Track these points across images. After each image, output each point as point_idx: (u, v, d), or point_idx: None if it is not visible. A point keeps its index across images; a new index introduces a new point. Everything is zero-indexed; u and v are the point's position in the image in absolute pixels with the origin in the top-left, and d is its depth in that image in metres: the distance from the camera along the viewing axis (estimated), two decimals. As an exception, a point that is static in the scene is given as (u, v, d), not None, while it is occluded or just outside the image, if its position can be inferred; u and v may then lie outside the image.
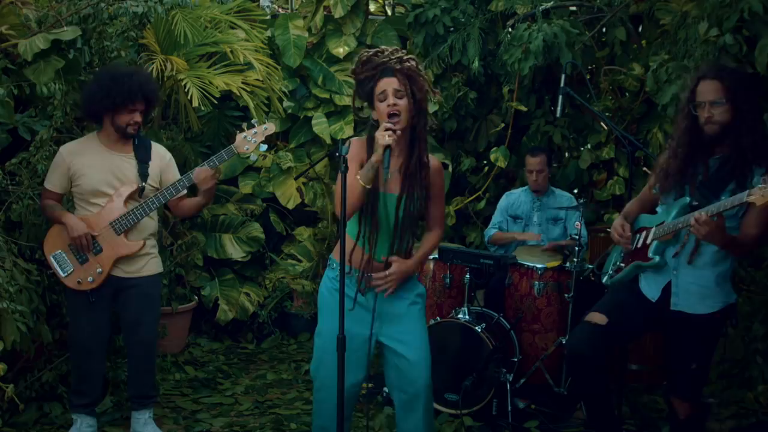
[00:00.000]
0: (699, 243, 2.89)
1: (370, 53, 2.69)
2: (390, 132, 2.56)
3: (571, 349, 3.14)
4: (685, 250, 2.93)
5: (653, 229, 3.04)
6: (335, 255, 2.86)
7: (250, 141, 3.44)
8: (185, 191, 3.56)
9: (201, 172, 3.41)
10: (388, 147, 2.55)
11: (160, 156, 3.60)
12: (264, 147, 3.49)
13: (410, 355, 2.80)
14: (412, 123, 2.69)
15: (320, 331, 2.88)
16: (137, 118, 3.43)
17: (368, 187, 2.63)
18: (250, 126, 3.47)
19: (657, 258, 3.01)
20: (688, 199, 2.92)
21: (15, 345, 3.22)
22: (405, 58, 2.68)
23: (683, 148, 2.97)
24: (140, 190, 3.48)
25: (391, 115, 2.62)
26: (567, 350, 3.20)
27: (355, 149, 2.73)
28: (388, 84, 2.63)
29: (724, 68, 2.94)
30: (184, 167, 4.82)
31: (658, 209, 3.12)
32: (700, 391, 3.05)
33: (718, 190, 2.83)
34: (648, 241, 3.04)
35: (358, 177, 2.61)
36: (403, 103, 2.63)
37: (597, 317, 3.09)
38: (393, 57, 2.66)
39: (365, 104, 2.79)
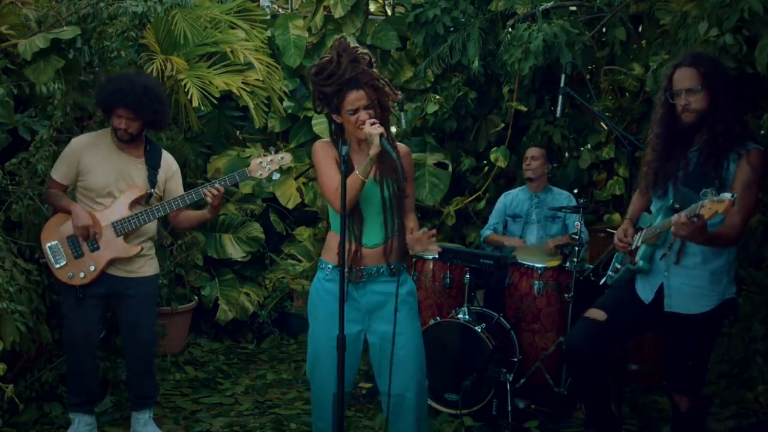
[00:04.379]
0: (684, 243, 2.89)
1: (332, 65, 2.67)
2: (377, 124, 2.64)
3: (570, 345, 3.13)
4: (672, 251, 2.93)
5: (643, 232, 3.05)
6: (325, 256, 2.89)
7: (265, 168, 3.45)
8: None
9: (211, 193, 3.39)
10: (381, 135, 2.61)
11: (168, 165, 3.62)
12: (277, 176, 3.52)
13: (396, 354, 2.77)
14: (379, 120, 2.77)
15: (312, 334, 2.89)
16: (123, 125, 3.40)
17: (366, 180, 2.68)
18: (268, 152, 3.51)
19: (641, 263, 3.02)
20: (670, 201, 2.93)
21: (15, 345, 3.22)
22: (359, 57, 2.69)
23: (661, 139, 2.97)
24: (147, 196, 3.49)
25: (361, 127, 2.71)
26: (565, 346, 3.19)
27: (325, 149, 2.83)
28: (358, 100, 2.69)
29: (701, 56, 2.92)
30: (183, 167, 4.81)
31: (652, 207, 3.13)
32: (700, 385, 3.05)
33: (699, 186, 2.82)
34: (639, 244, 3.05)
35: (357, 172, 2.66)
36: (371, 112, 2.72)
37: (596, 313, 3.09)
38: (348, 61, 2.66)
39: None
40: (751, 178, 2.78)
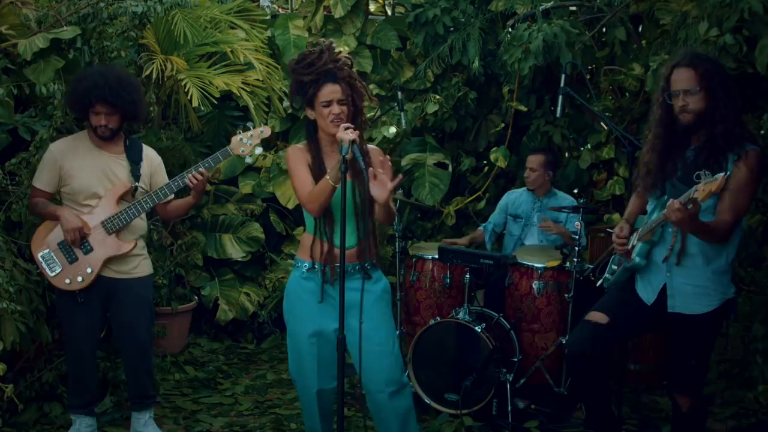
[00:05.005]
0: (685, 244, 2.89)
1: (314, 55, 2.75)
2: (351, 129, 2.66)
3: (572, 349, 3.13)
4: (673, 253, 2.93)
5: (638, 231, 3.05)
6: (300, 255, 2.92)
7: (246, 143, 3.43)
8: (172, 195, 3.54)
9: (195, 178, 3.37)
10: (353, 142, 2.63)
11: (150, 158, 3.59)
12: (259, 150, 3.50)
13: (373, 351, 2.80)
14: (352, 122, 2.80)
15: (291, 333, 2.91)
16: (102, 121, 3.36)
17: (337, 186, 2.70)
18: (247, 128, 3.47)
19: (637, 259, 3.03)
20: (665, 197, 2.94)
21: (15, 345, 3.22)
22: (345, 61, 2.78)
23: (660, 140, 2.98)
24: (133, 191, 3.46)
25: (333, 121, 2.76)
26: (567, 349, 3.19)
27: (297, 155, 2.85)
28: (333, 93, 2.74)
29: (698, 56, 2.91)
30: (183, 167, 4.81)
31: (647, 208, 3.14)
32: (701, 384, 3.07)
33: (693, 182, 2.83)
34: (635, 243, 3.06)
35: (328, 177, 2.69)
36: (345, 109, 2.77)
37: (598, 316, 3.09)
38: (336, 64, 2.75)
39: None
40: (747, 179, 2.79)
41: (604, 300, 3.20)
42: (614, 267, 3.25)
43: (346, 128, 2.66)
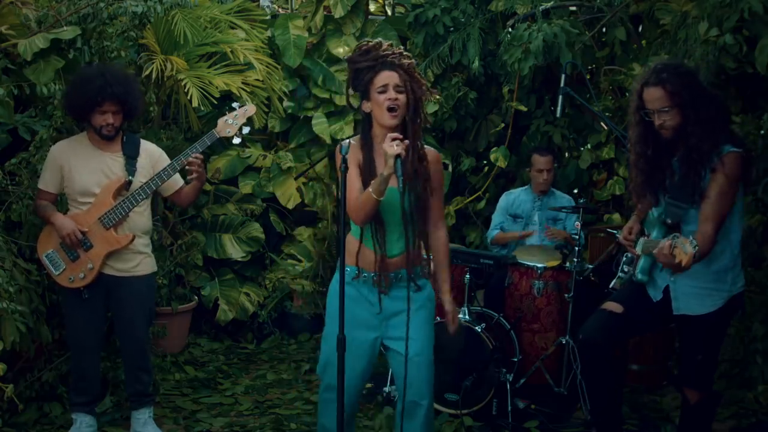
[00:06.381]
0: None
1: (371, 44, 2.67)
2: (398, 141, 2.54)
3: (586, 335, 3.16)
4: None
5: (642, 242, 3.07)
6: (346, 259, 2.81)
7: (232, 124, 3.42)
8: (175, 176, 3.53)
9: (191, 164, 3.37)
10: (398, 156, 2.52)
11: (149, 152, 3.58)
12: (246, 129, 3.48)
13: (412, 360, 2.74)
14: (407, 118, 2.67)
15: (327, 335, 2.86)
16: (109, 119, 3.37)
17: (381, 199, 2.60)
18: (231, 109, 3.46)
19: (640, 275, 3.09)
20: (663, 215, 2.98)
21: (15, 345, 3.22)
22: (404, 54, 2.69)
23: (642, 158, 3.00)
24: (127, 184, 3.45)
25: (390, 109, 2.63)
26: (581, 336, 3.18)
27: (349, 152, 2.71)
28: (390, 78, 2.63)
29: (666, 70, 2.88)
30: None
31: (654, 211, 3.15)
32: (709, 379, 3.11)
33: (684, 199, 2.88)
34: (639, 253, 3.09)
35: (371, 190, 2.58)
36: (402, 98, 2.63)
37: (613, 306, 3.14)
38: (393, 52, 2.67)
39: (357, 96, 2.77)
40: (724, 186, 2.80)
41: (620, 291, 3.25)
42: (626, 268, 3.25)
43: (393, 139, 2.53)
